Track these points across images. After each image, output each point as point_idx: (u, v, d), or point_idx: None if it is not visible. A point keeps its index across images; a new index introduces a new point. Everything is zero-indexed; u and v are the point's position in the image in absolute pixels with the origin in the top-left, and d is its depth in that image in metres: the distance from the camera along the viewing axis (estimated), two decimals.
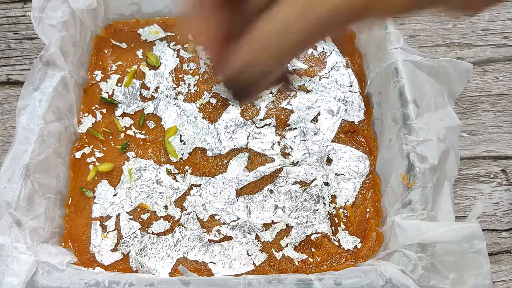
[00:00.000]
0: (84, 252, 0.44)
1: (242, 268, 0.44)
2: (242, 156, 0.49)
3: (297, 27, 0.21)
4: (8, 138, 0.56)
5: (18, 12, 0.67)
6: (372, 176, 0.49)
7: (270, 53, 0.22)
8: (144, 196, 0.47)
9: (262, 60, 0.22)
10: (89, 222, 0.46)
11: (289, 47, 0.22)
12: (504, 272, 0.49)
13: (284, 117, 0.52)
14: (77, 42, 0.52)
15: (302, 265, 0.44)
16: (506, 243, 0.50)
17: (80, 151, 0.49)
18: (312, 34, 0.21)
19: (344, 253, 0.44)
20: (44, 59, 0.47)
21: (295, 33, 0.21)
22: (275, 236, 0.45)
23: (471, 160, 0.55)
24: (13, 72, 0.62)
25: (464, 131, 0.57)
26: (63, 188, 0.47)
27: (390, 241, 0.41)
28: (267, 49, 0.22)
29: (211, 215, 0.46)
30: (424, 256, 0.37)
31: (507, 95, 0.60)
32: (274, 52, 0.22)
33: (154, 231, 0.45)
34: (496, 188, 0.53)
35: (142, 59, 0.56)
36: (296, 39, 0.21)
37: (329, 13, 0.21)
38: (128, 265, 0.44)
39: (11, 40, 0.64)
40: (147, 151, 0.50)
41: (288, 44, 0.21)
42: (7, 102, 0.59)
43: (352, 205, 0.47)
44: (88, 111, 0.52)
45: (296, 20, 0.21)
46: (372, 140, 0.50)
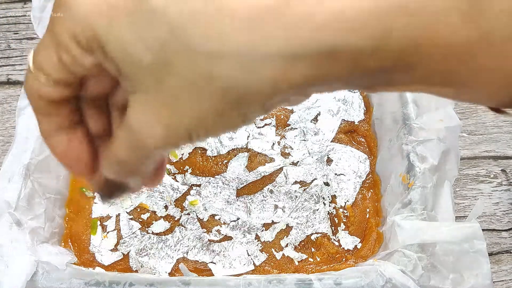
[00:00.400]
0: (84, 252, 0.44)
1: (242, 268, 0.44)
2: (242, 156, 0.49)
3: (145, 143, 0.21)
4: (8, 138, 0.56)
5: (18, 12, 0.67)
6: (372, 176, 0.49)
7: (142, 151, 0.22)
8: (144, 196, 0.47)
9: (138, 156, 0.22)
10: (89, 222, 0.46)
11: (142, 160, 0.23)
12: (504, 272, 0.49)
13: (284, 117, 0.52)
14: None
15: (302, 265, 0.44)
16: (506, 243, 0.50)
17: None
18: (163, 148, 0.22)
19: (344, 253, 0.44)
20: None
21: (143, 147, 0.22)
22: (275, 236, 0.45)
23: (471, 160, 0.55)
24: (13, 72, 0.62)
25: (464, 131, 0.57)
26: (63, 188, 0.47)
27: (390, 241, 0.41)
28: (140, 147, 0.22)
29: (211, 215, 0.46)
30: (424, 256, 0.37)
31: None
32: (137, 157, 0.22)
33: (154, 231, 0.45)
34: (496, 188, 0.53)
35: None
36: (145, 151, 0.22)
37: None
38: (128, 265, 0.44)
39: (11, 40, 0.64)
40: None
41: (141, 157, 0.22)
42: (7, 102, 0.59)
43: (352, 205, 0.47)
44: None
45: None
46: (372, 140, 0.50)
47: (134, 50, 0.19)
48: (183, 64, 0.19)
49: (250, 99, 0.19)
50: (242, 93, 0.19)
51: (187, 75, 0.19)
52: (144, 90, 0.20)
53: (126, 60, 0.20)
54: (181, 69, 0.19)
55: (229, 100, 0.19)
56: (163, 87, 0.20)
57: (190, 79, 0.19)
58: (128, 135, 0.22)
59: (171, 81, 0.19)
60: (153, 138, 0.21)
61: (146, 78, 0.20)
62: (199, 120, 0.20)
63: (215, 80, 0.19)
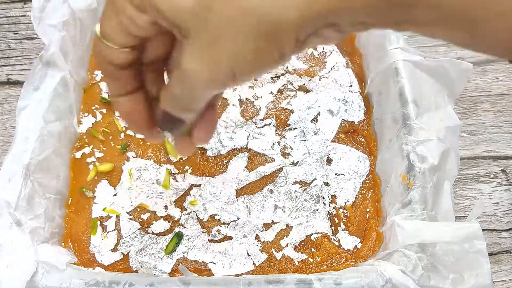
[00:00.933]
0: (84, 252, 0.44)
1: (242, 268, 0.44)
2: (242, 156, 0.49)
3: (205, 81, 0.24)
4: (8, 138, 0.56)
5: (18, 12, 0.67)
6: (372, 176, 0.49)
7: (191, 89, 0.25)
8: (144, 196, 0.47)
9: (189, 93, 0.25)
10: (89, 222, 0.46)
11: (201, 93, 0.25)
12: (504, 272, 0.49)
13: (284, 117, 0.52)
14: (77, 42, 0.52)
15: (302, 265, 0.44)
16: (506, 243, 0.50)
17: (80, 151, 0.49)
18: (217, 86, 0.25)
19: (344, 253, 0.44)
20: (44, 59, 0.47)
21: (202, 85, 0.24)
22: (275, 236, 0.45)
23: (471, 160, 0.55)
24: (13, 72, 0.62)
25: (464, 131, 0.57)
26: (63, 188, 0.47)
27: (390, 241, 0.41)
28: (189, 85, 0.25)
29: (211, 215, 0.46)
30: (424, 256, 0.37)
31: (507, 95, 0.60)
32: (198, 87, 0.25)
33: (154, 231, 0.45)
34: (496, 188, 0.53)
35: None
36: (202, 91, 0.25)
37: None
38: (128, 265, 0.44)
39: (11, 40, 0.64)
40: (147, 151, 0.50)
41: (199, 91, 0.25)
42: (7, 102, 0.59)
43: (352, 205, 0.47)
44: (88, 111, 0.52)
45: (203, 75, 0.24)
46: (372, 140, 0.50)
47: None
48: (221, 5, 0.21)
49: (281, 30, 0.21)
50: (273, 24, 0.21)
51: (224, 12, 0.21)
52: (191, 35, 0.22)
53: (173, 10, 0.22)
54: (219, 10, 0.21)
55: (263, 32, 0.21)
56: (206, 29, 0.22)
57: (227, 16, 0.21)
58: (180, 75, 0.24)
59: (212, 23, 0.21)
60: (201, 77, 0.23)
61: (192, 23, 0.22)
62: (239, 56, 0.22)
63: (248, 13, 0.21)
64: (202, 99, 0.26)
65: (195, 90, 0.25)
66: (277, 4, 0.20)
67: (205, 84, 0.24)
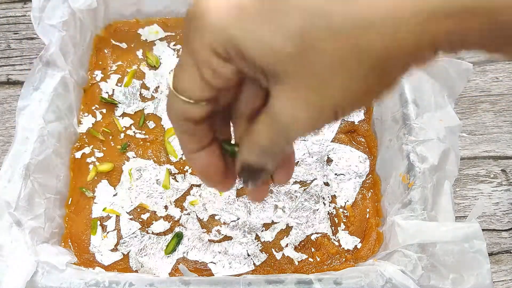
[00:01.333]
0: (84, 252, 0.44)
1: (242, 268, 0.44)
2: None
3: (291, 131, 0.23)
4: (8, 138, 0.56)
5: (18, 12, 0.67)
6: (372, 176, 0.49)
7: (286, 137, 0.23)
8: (144, 196, 0.47)
9: (280, 142, 0.24)
10: (89, 222, 0.46)
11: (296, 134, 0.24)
12: (504, 272, 0.49)
13: None
14: (77, 42, 0.52)
15: (302, 265, 0.44)
16: (506, 243, 0.50)
17: (80, 151, 0.49)
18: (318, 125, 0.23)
19: (344, 253, 0.44)
20: (44, 59, 0.47)
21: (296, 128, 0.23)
22: (275, 236, 0.45)
23: (471, 160, 0.55)
24: (13, 72, 0.62)
25: (464, 131, 0.57)
26: (63, 188, 0.47)
27: (390, 241, 0.41)
28: (284, 133, 0.23)
29: (211, 215, 0.46)
30: (424, 256, 0.37)
31: (507, 95, 0.60)
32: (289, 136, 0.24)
33: (154, 231, 0.45)
34: (496, 188, 0.53)
35: (142, 59, 0.56)
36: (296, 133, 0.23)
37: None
38: (128, 265, 0.44)
39: (11, 40, 0.64)
40: (147, 151, 0.50)
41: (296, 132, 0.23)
42: (7, 102, 0.59)
43: (352, 205, 0.47)
44: (88, 111, 0.52)
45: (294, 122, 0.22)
46: (372, 140, 0.50)
47: (274, 43, 0.20)
48: (327, 44, 0.19)
49: (398, 64, 0.20)
50: (390, 56, 0.20)
51: (332, 54, 0.19)
52: (287, 80, 0.21)
53: (267, 55, 0.20)
54: (325, 50, 0.19)
55: (377, 66, 0.20)
56: (307, 72, 0.20)
57: (336, 57, 0.20)
58: (272, 123, 0.23)
59: (315, 65, 0.20)
60: (299, 122, 0.22)
61: (289, 67, 0.20)
62: (347, 96, 0.21)
63: (362, 51, 0.19)
64: (291, 144, 0.25)
65: (290, 137, 0.23)
66: (399, 38, 0.19)
67: (304, 129, 0.22)
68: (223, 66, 0.22)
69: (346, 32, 0.19)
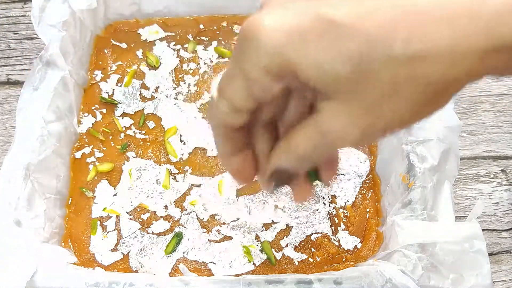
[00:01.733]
0: (84, 252, 0.44)
1: (242, 268, 0.44)
2: None
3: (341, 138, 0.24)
4: (8, 138, 0.56)
5: (18, 12, 0.67)
6: (372, 176, 0.49)
7: (328, 149, 0.25)
8: (144, 196, 0.47)
9: (317, 153, 0.25)
10: (89, 222, 0.46)
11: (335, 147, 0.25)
12: (504, 272, 0.49)
13: None
14: (77, 42, 0.52)
15: (302, 265, 0.44)
16: (506, 243, 0.50)
17: (80, 151, 0.49)
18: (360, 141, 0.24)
19: (344, 253, 0.44)
20: (44, 59, 0.47)
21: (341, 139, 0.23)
22: (275, 236, 0.45)
23: (471, 160, 0.55)
24: (13, 72, 0.62)
25: (464, 131, 0.57)
26: (63, 188, 0.47)
27: (390, 241, 0.41)
28: (328, 145, 0.24)
29: (211, 215, 0.46)
30: (424, 256, 0.37)
31: (507, 95, 0.60)
32: (325, 149, 0.25)
33: (154, 231, 0.45)
34: (496, 188, 0.53)
35: (142, 59, 0.56)
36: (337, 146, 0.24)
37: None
38: (128, 265, 0.44)
39: (11, 40, 0.64)
40: (147, 151, 0.50)
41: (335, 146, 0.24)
42: (7, 102, 0.59)
43: (352, 205, 0.47)
44: (88, 111, 0.52)
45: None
46: None
47: (332, 66, 0.21)
48: (384, 70, 0.21)
49: (448, 91, 0.21)
50: (443, 87, 0.21)
51: (388, 80, 0.21)
52: (339, 99, 0.22)
53: (323, 77, 0.21)
54: (381, 76, 0.21)
55: (429, 95, 0.21)
56: (361, 94, 0.21)
57: (391, 83, 0.21)
58: (316, 134, 0.24)
59: (370, 88, 0.21)
60: (346, 138, 0.23)
61: (343, 88, 0.21)
62: (397, 119, 0.22)
63: (418, 80, 0.21)
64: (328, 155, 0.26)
65: (333, 149, 0.25)
66: (451, 71, 0.20)
67: (352, 143, 0.23)
68: (273, 83, 0.23)
69: (405, 61, 0.20)
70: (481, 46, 0.20)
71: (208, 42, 0.57)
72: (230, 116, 0.25)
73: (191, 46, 0.56)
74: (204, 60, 0.55)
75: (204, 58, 0.56)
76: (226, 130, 0.26)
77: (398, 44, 0.20)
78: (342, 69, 0.21)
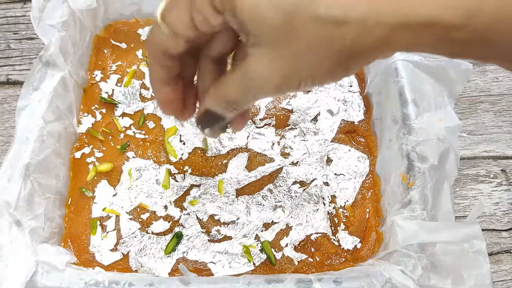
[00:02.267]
0: (84, 252, 0.44)
1: (242, 268, 0.44)
2: (241, 156, 0.49)
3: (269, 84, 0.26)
4: (8, 138, 0.56)
5: (18, 12, 0.67)
6: (372, 176, 0.49)
7: (254, 94, 0.27)
8: (143, 196, 0.47)
9: (249, 97, 0.27)
10: (88, 222, 0.46)
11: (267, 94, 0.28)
12: (504, 272, 0.49)
13: (284, 117, 0.52)
14: (77, 42, 0.52)
15: (301, 265, 0.44)
16: (506, 243, 0.50)
17: (80, 151, 0.49)
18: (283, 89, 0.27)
19: (343, 253, 0.44)
20: (44, 59, 0.47)
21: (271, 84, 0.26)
22: (275, 236, 0.45)
23: (471, 160, 0.55)
24: (13, 72, 0.62)
25: (464, 131, 0.57)
26: (63, 188, 0.47)
27: (390, 241, 0.41)
28: (254, 90, 0.27)
29: (211, 215, 0.46)
30: (424, 256, 0.37)
31: (507, 95, 0.60)
32: (254, 94, 0.27)
33: (154, 231, 0.45)
34: (496, 188, 0.53)
35: (142, 59, 0.56)
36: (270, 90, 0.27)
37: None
38: (128, 265, 0.44)
39: (11, 40, 0.64)
40: (147, 151, 0.50)
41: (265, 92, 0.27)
42: (7, 102, 0.59)
43: (352, 205, 0.47)
44: (88, 111, 0.52)
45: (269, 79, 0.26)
46: (372, 140, 0.50)
47: (266, 14, 0.23)
48: (308, 28, 0.23)
49: (359, 57, 0.24)
50: (354, 52, 0.24)
51: (310, 38, 0.23)
52: (267, 46, 0.24)
53: (256, 21, 0.24)
54: (305, 33, 0.23)
55: (342, 57, 0.24)
56: (286, 46, 0.24)
57: (312, 41, 0.24)
58: (244, 79, 0.26)
59: (294, 42, 0.24)
60: (268, 84, 0.25)
61: (272, 37, 0.24)
62: (312, 74, 0.25)
63: (334, 41, 0.23)
64: (254, 102, 0.29)
65: (259, 94, 0.27)
66: (364, 40, 0.23)
67: (272, 90, 0.26)
68: (214, 16, 0.25)
69: (326, 23, 0.23)
70: (391, 20, 0.22)
71: None
72: (170, 41, 0.27)
73: None
74: None
75: None
76: (164, 56, 0.28)
77: (323, 8, 0.23)
78: (274, 20, 0.23)
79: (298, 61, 0.24)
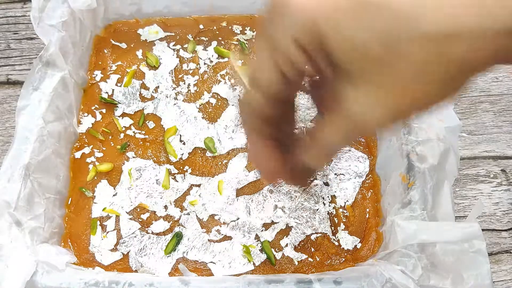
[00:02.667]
0: (84, 252, 0.44)
1: (242, 268, 0.44)
2: (242, 156, 0.49)
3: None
4: (8, 138, 0.56)
5: (18, 12, 0.67)
6: (372, 176, 0.49)
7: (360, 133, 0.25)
8: (143, 196, 0.47)
9: (349, 141, 0.26)
10: (88, 222, 0.46)
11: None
12: (504, 272, 0.49)
13: None
14: (77, 42, 0.52)
15: (301, 265, 0.44)
16: (506, 243, 0.50)
17: (80, 151, 0.49)
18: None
19: (343, 253, 0.44)
20: (44, 59, 0.47)
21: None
22: (275, 236, 0.45)
23: (471, 160, 0.55)
24: (13, 72, 0.62)
25: (464, 131, 0.57)
26: (63, 188, 0.47)
27: (390, 241, 0.41)
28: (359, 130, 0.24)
29: (211, 215, 0.46)
30: (424, 256, 0.37)
31: (507, 95, 0.60)
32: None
33: (153, 231, 0.45)
34: (496, 188, 0.53)
35: (142, 59, 0.56)
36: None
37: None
38: (128, 265, 0.44)
39: (11, 40, 0.64)
40: (147, 151, 0.50)
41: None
42: (7, 102, 0.59)
43: (352, 205, 0.47)
44: (88, 111, 0.52)
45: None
46: (372, 140, 0.50)
47: (361, 42, 0.21)
48: (413, 49, 0.20)
49: (471, 70, 0.21)
50: (467, 65, 0.21)
51: (416, 58, 0.21)
52: (366, 78, 0.22)
53: (350, 52, 0.21)
54: (410, 54, 0.21)
55: (453, 72, 0.21)
56: (389, 73, 0.21)
57: (422, 61, 0.21)
58: (346, 120, 0.23)
59: (399, 67, 0.21)
60: (375, 119, 0.23)
61: (371, 66, 0.21)
62: (423, 97, 0.22)
63: (445, 56, 0.21)
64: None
65: (363, 131, 0.24)
66: (477, 51, 0.20)
67: (381, 126, 0.23)
68: (299, 55, 0.22)
69: (433, 38, 0.20)
70: (508, 26, 0.20)
71: (208, 42, 0.57)
72: (263, 107, 0.25)
73: (191, 46, 0.56)
74: (204, 60, 0.55)
75: (204, 58, 0.56)
76: (258, 122, 0.26)
77: (428, 24, 0.20)
78: (372, 46, 0.21)
79: (407, 90, 0.22)
